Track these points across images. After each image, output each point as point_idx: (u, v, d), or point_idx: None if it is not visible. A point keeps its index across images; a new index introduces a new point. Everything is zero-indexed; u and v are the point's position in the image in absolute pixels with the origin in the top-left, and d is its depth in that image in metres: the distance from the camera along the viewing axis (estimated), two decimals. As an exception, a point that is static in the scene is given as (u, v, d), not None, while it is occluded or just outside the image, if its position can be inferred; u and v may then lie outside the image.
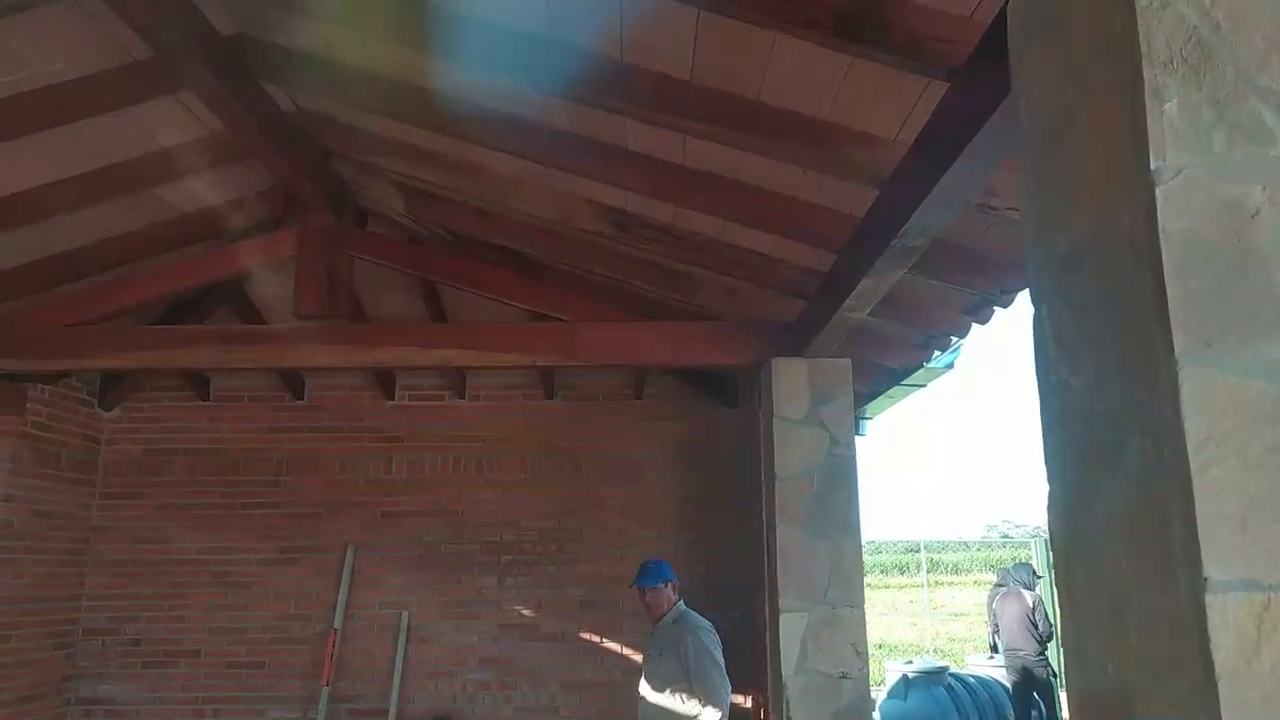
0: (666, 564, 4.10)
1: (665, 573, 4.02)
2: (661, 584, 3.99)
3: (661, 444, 6.22)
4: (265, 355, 4.36)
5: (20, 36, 3.09)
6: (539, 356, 4.44)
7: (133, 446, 6.20)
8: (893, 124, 2.67)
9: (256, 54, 3.44)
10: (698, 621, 3.92)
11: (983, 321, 3.75)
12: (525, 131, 3.48)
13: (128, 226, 4.53)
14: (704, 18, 2.46)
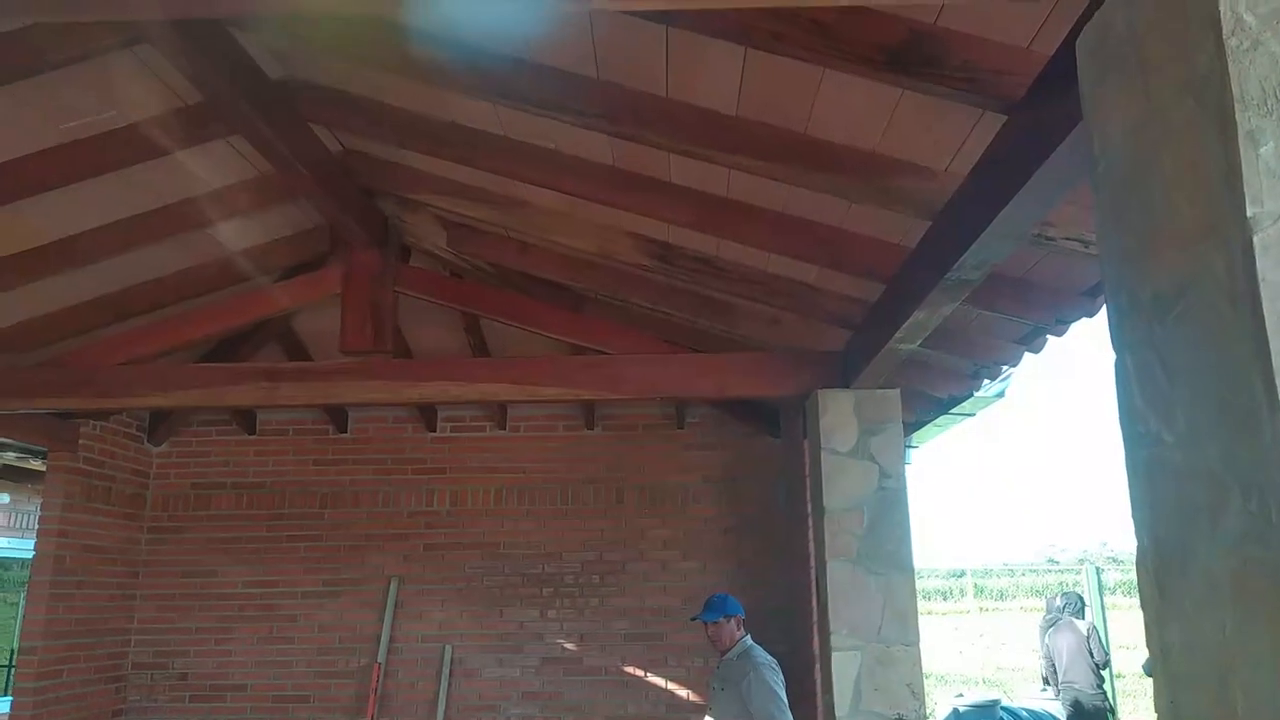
0: (732, 598, 4.06)
1: (729, 607, 3.99)
2: (724, 618, 3.97)
3: (704, 473, 6.16)
4: (312, 392, 4.39)
5: (78, 86, 3.17)
6: (581, 390, 4.42)
7: (180, 481, 6.28)
8: (944, 155, 2.63)
9: (304, 97, 3.49)
10: (760, 657, 3.87)
11: (1035, 350, 3.67)
12: (567, 166, 3.48)
13: (178, 266, 4.61)
14: (750, 55, 2.44)
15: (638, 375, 4.38)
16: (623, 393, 4.39)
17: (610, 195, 3.57)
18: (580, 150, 3.40)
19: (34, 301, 4.36)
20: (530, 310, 4.73)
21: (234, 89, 3.02)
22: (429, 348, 5.91)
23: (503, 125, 3.39)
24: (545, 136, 3.36)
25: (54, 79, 3.06)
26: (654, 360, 4.42)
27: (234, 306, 4.64)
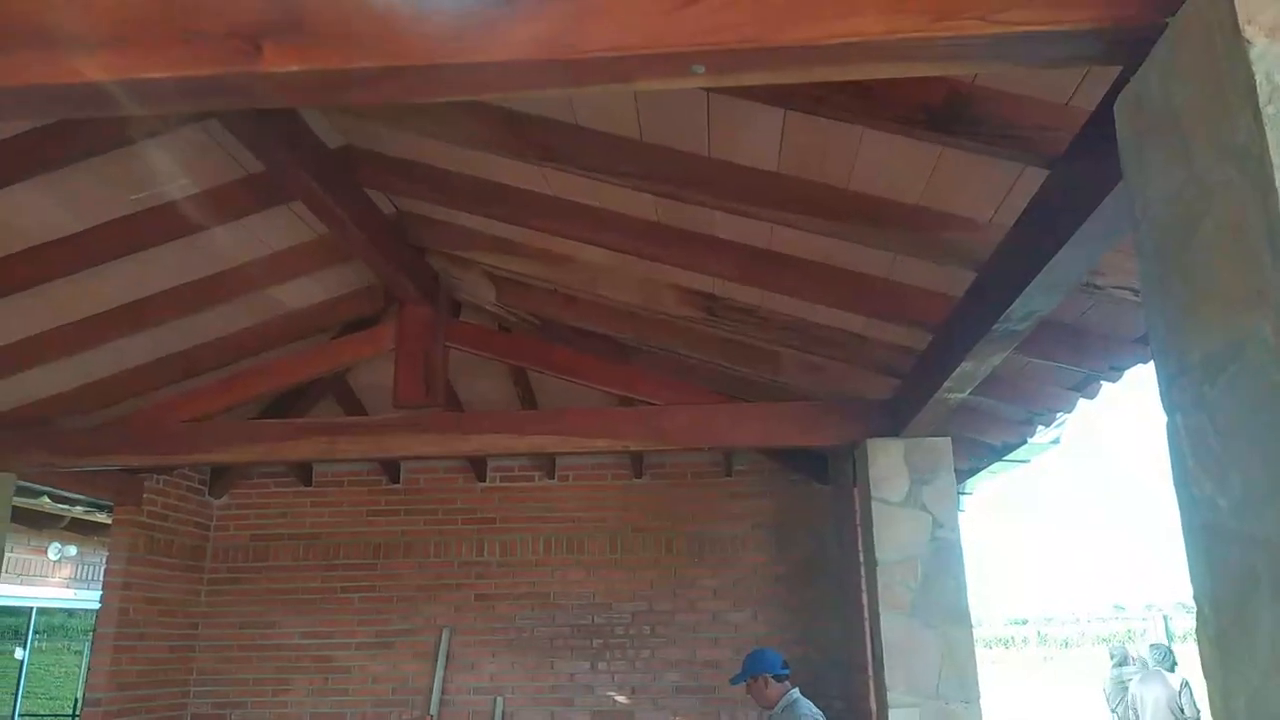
0: (767, 652, 3.98)
1: (759, 665, 3.89)
2: (752, 678, 3.86)
3: (752, 521, 6.12)
4: (368, 446, 4.49)
5: (151, 158, 3.34)
6: (629, 441, 4.45)
7: (240, 533, 6.43)
8: (987, 206, 2.64)
9: (360, 164, 3.64)
10: (804, 710, 3.78)
11: (1090, 397, 3.61)
12: (613, 223, 3.56)
13: (239, 325, 4.77)
14: (791, 116, 2.49)
15: (684, 426, 4.39)
16: (670, 443, 4.41)
17: (655, 250, 3.63)
18: (625, 207, 3.47)
19: (103, 362, 4.55)
20: (577, 363, 4.79)
21: (295, 160, 3.16)
22: (478, 400, 6.01)
23: (550, 185, 3.49)
24: (591, 195, 3.45)
25: (126, 153, 3.24)
26: (700, 410, 4.44)
27: (293, 364, 4.77)
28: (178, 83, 1.38)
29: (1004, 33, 1.28)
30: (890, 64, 1.37)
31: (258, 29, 1.39)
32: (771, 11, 1.34)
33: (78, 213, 3.46)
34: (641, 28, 1.36)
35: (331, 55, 1.39)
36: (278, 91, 1.44)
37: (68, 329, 4.09)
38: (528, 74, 1.42)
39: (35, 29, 1.42)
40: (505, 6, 1.39)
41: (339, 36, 1.39)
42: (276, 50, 1.39)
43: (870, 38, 1.31)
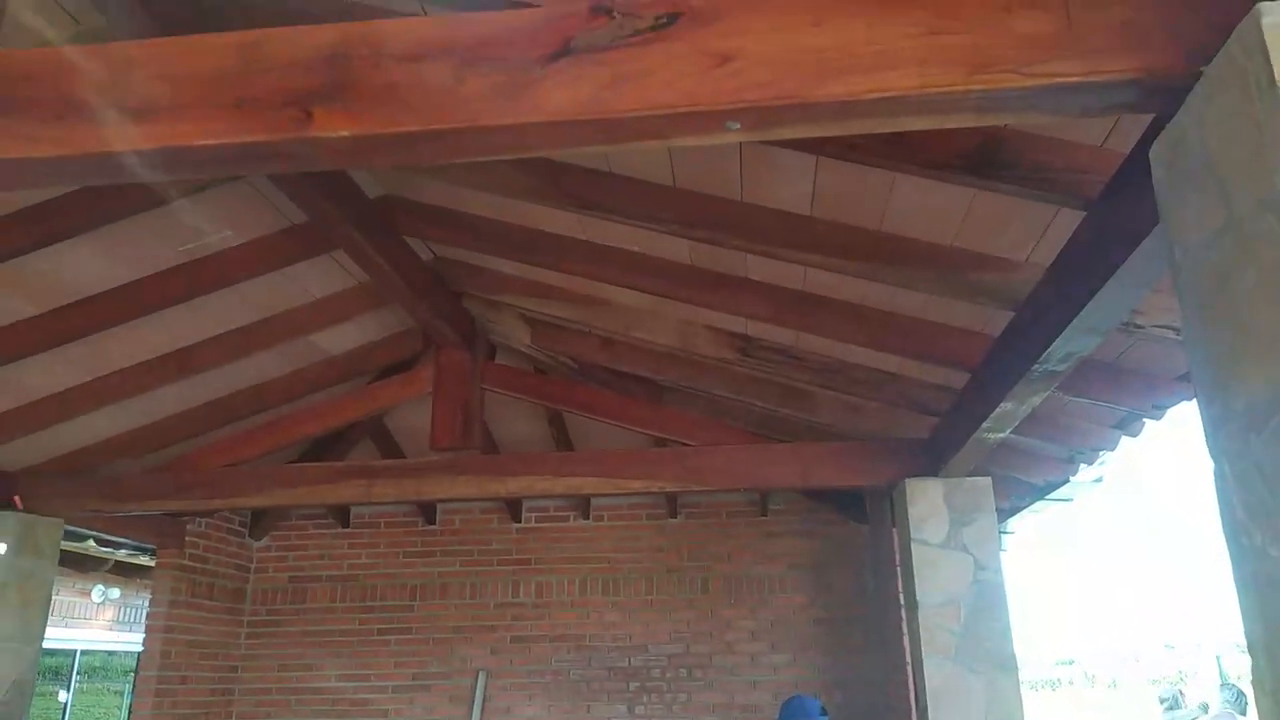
0: (803, 700, 3.91)
1: (796, 714, 3.83)
2: None
3: (789, 562, 6.05)
4: (406, 489, 4.53)
5: (198, 211, 3.44)
6: (665, 482, 4.45)
7: (279, 575, 6.48)
8: (1023, 246, 2.63)
9: (399, 212, 3.72)
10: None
11: (1133, 435, 3.55)
12: (647, 267, 3.59)
13: (280, 371, 4.86)
14: (823, 162, 2.52)
15: (720, 467, 4.38)
16: (706, 484, 4.40)
17: (689, 292, 3.66)
18: (659, 250, 3.51)
19: (150, 408, 4.65)
20: (612, 404, 4.82)
21: (337, 210, 3.24)
22: (514, 441, 6.04)
23: (584, 231, 3.54)
24: (626, 239, 3.49)
25: (176, 207, 3.35)
26: (736, 451, 4.43)
27: (333, 408, 4.85)
28: (232, 149, 1.44)
29: (1039, 85, 1.30)
30: (925, 117, 1.39)
31: (308, 96, 1.45)
32: (805, 68, 1.37)
33: (129, 265, 3.57)
34: (677, 88, 1.40)
35: (378, 120, 1.44)
36: (327, 155, 1.49)
37: (116, 376, 4.20)
38: (567, 133, 1.46)
39: (98, 100, 1.49)
40: (544, 70, 1.43)
41: (385, 101, 1.45)
42: (326, 116, 1.44)
43: (905, 92, 1.33)
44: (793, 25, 1.39)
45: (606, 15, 1.44)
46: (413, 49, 1.46)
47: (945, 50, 1.32)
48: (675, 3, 1.43)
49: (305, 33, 1.47)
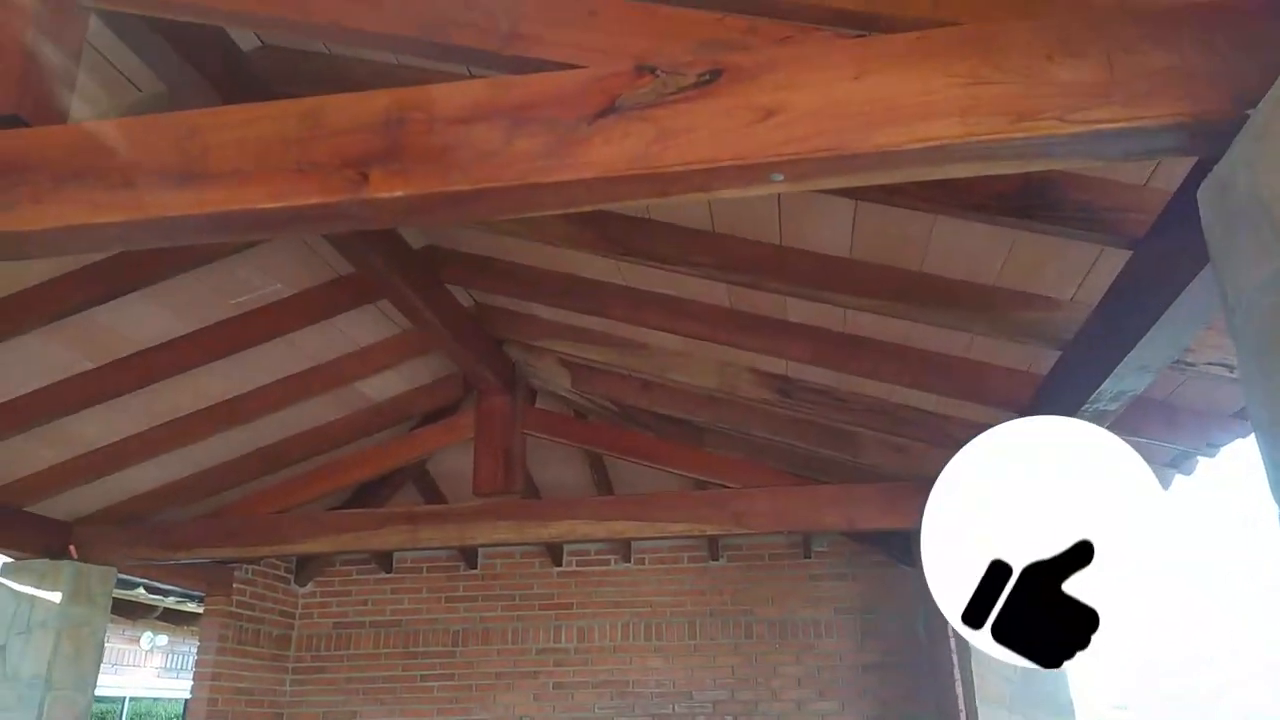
0: None
1: None
2: None
3: (835, 605, 5.95)
4: (449, 534, 4.56)
5: (250, 266, 3.55)
6: (707, 525, 4.43)
7: (323, 620, 6.52)
8: (1068, 285, 2.61)
9: (442, 262, 3.80)
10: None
11: (1187, 473, 3.47)
12: (686, 310, 3.62)
13: (326, 418, 4.94)
14: (863, 205, 2.54)
15: (763, 509, 4.36)
16: (749, 527, 4.37)
17: (729, 335, 3.67)
18: (698, 294, 3.53)
19: (200, 457, 4.74)
20: (652, 447, 4.82)
21: (383, 262, 3.32)
22: (555, 485, 6.05)
23: (623, 276, 3.58)
24: (665, 284, 3.52)
25: (229, 261, 3.45)
26: (779, 493, 4.40)
27: (377, 454, 4.92)
28: (293, 211, 1.49)
29: (1082, 132, 1.31)
30: (969, 164, 1.40)
31: (365, 159, 1.50)
32: (847, 120, 1.39)
33: (184, 318, 3.67)
34: (721, 142, 1.43)
35: (431, 180, 1.49)
36: (383, 215, 1.54)
37: (168, 426, 4.30)
38: (614, 188, 1.49)
39: (164, 167, 1.56)
40: (591, 128, 1.47)
41: (438, 162, 1.49)
42: (382, 178, 1.49)
43: (949, 141, 1.35)
44: (834, 79, 1.41)
45: (651, 74, 1.48)
46: (464, 111, 1.51)
47: (987, 100, 1.34)
48: (718, 60, 1.46)
49: (362, 98, 1.53)
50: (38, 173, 1.60)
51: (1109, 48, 1.34)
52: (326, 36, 1.90)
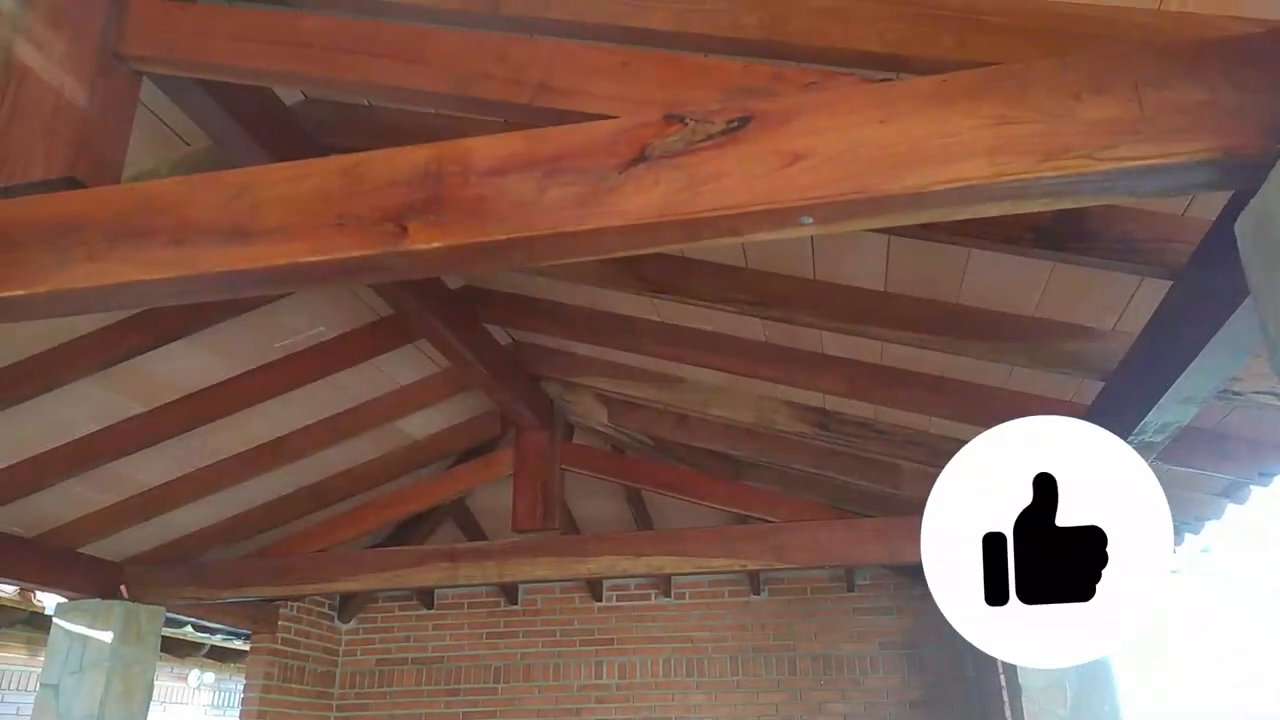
0: None
1: None
2: None
3: (881, 640, 5.85)
4: (489, 571, 4.58)
5: (294, 310, 3.64)
6: (747, 560, 4.39)
7: (366, 658, 6.55)
8: (1108, 315, 2.58)
9: (479, 302, 3.86)
10: None
11: (1239, 502, 3.38)
12: (722, 346, 3.63)
13: (367, 456, 5.02)
14: (895, 240, 2.54)
15: (804, 543, 4.31)
16: (790, 561, 4.32)
17: (765, 369, 3.67)
18: (734, 329, 3.54)
19: (245, 497, 4.83)
20: (690, 481, 4.82)
21: (421, 303, 3.38)
22: (593, 519, 6.05)
23: (659, 313, 3.61)
24: (700, 320, 3.54)
25: (273, 307, 3.54)
26: (819, 527, 4.36)
27: (417, 492, 4.97)
28: (336, 264, 1.54)
29: (1113, 169, 1.30)
30: (999, 203, 1.41)
31: (404, 212, 1.54)
32: (875, 163, 1.41)
33: (230, 362, 3.77)
34: (750, 187, 1.45)
35: (468, 231, 1.53)
36: (421, 266, 1.58)
37: (215, 467, 4.39)
38: (646, 235, 1.52)
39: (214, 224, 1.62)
40: (622, 176, 1.50)
41: (474, 214, 1.53)
42: (420, 230, 1.53)
43: (977, 181, 1.35)
44: (860, 123, 1.43)
45: (680, 122, 1.51)
46: (498, 163, 1.55)
47: (1015, 139, 1.34)
48: (745, 108, 1.49)
49: (401, 154, 1.58)
50: (93, 231, 1.67)
51: (1137, 84, 1.34)
52: (365, 94, 1.96)
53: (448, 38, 1.78)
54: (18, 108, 1.86)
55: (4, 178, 1.80)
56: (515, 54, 1.71)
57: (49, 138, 1.80)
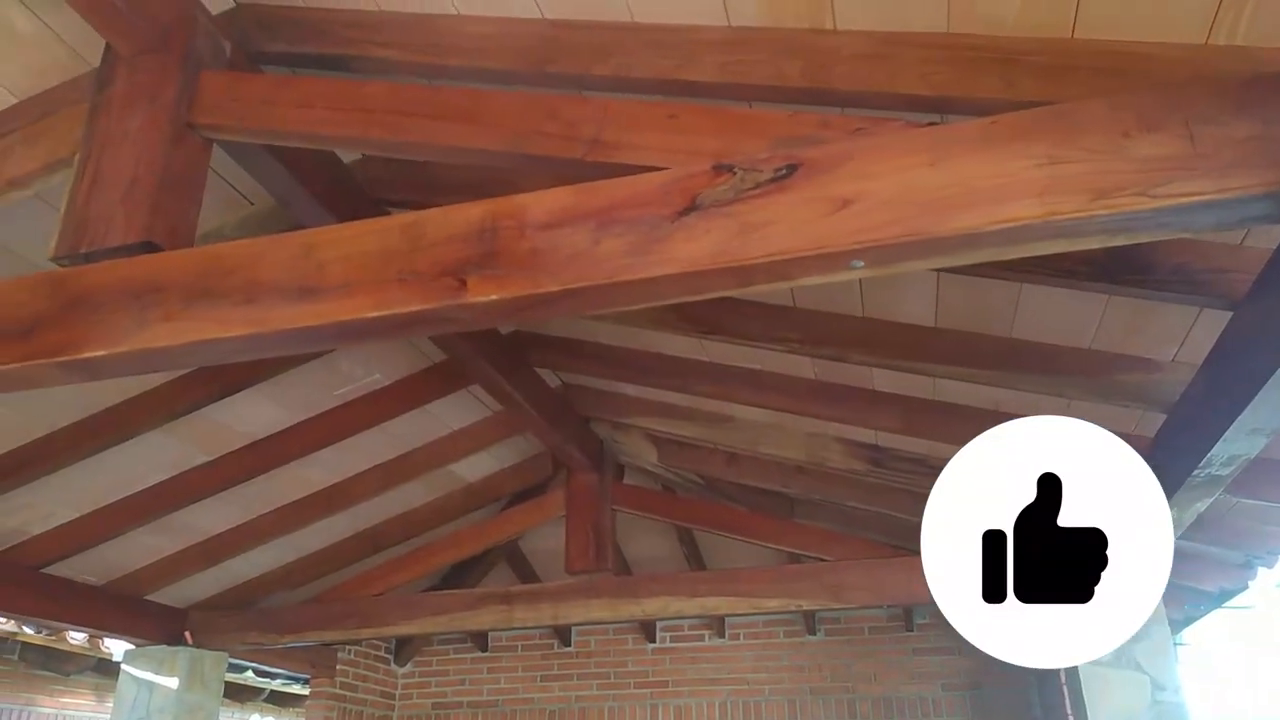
0: None
1: None
2: None
3: (942, 681, 5.70)
4: (543, 613, 4.59)
5: (351, 359, 3.74)
6: (803, 600, 4.34)
7: (423, 701, 6.57)
8: (1166, 346, 2.54)
9: (530, 346, 3.92)
10: None
11: (1317, 535, 3.26)
12: (771, 384, 3.63)
13: (421, 500, 5.08)
14: (945, 276, 2.53)
15: (861, 582, 4.25)
16: (847, 601, 4.26)
17: (815, 407, 3.66)
18: (783, 367, 3.54)
19: (304, 543, 4.92)
20: (742, 520, 4.80)
21: (474, 349, 3.45)
22: (645, 559, 6.04)
23: (707, 353, 3.63)
24: (749, 359, 3.55)
25: (332, 356, 3.64)
26: (877, 565, 4.29)
27: (471, 535, 5.02)
28: (398, 319, 1.59)
29: (1167, 206, 1.30)
30: (1051, 242, 1.41)
31: (462, 266, 1.60)
32: (925, 206, 1.42)
33: (290, 410, 3.87)
34: (801, 233, 1.47)
35: (523, 283, 1.57)
36: (479, 317, 1.63)
37: (275, 514, 4.49)
38: (698, 282, 1.55)
39: (282, 282, 1.69)
40: (674, 226, 1.53)
41: (529, 266, 1.58)
42: (478, 283, 1.58)
43: (1029, 221, 1.36)
44: (909, 166, 1.45)
45: (729, 172, 1.54)
46: (552, 217, 1.60)
47: (1066, 179, 1.35)
48: (793, 155, 1.52)
49: (458, 210, 1.64)
50: (169, 293, 1.75)
51: (1188, 120, 1.34)
52: (426, 154, 2.03)
53: (501, 98, 1.84)
54: (98, 178, 1.96)
55: (86, 244, 1.89)
56: (566, 111, 1.77)
57: (127, 205, 1.90)
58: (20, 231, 2.56)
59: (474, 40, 2.06)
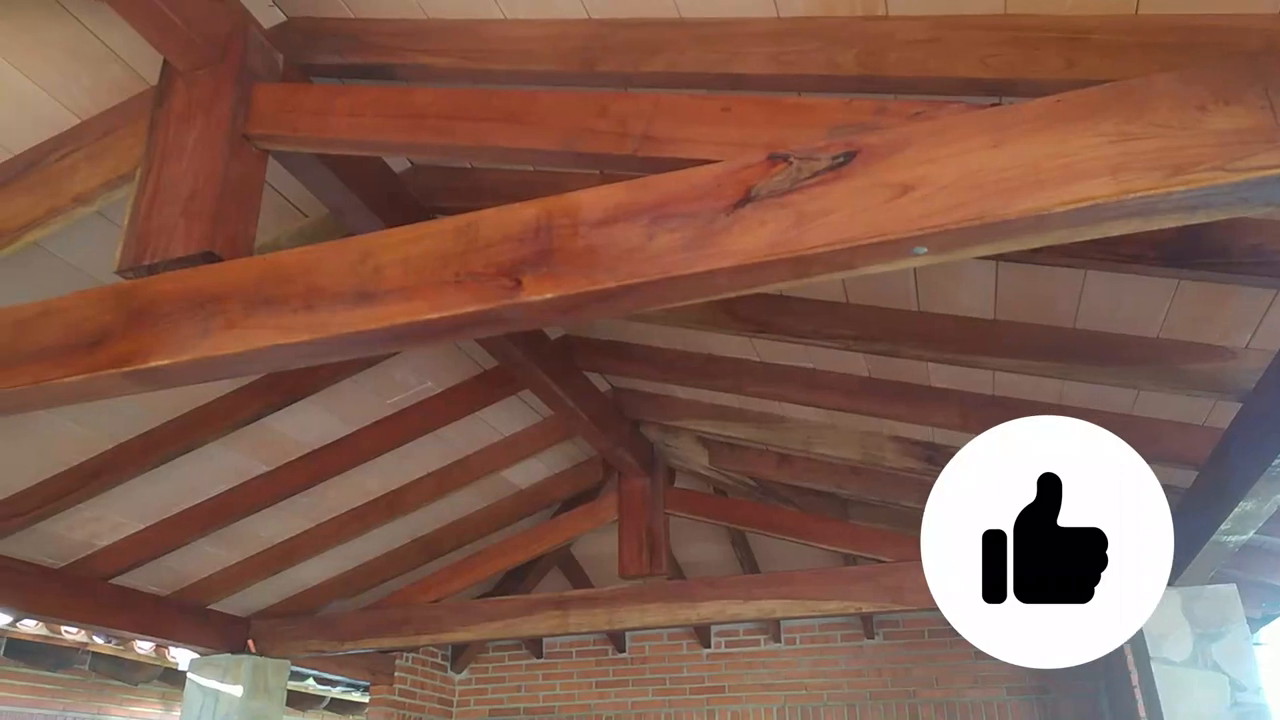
0: None
1: None
2: None
3: (1007, 685, 5.57)
4: (598, 619, 4.58)
5: (404, 367, 3.77)
6: (861, 603, 4.27)
7: (479, 708, 6.61)
8: (1240, 333, 2.45)
9: (579, 350, 3.92)
10: None
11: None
12: (824, 382, 3.58)
13: (475, 507, 5.12)
14: (1004, 265, 2.47)
15: (920, 583, 4.12)
16: (908, 603, 4.18)
17: (870, 405, 3.60)
18: (836, 365, 3.49)
19: (362, 551, 4.98)
20: (796, 522, 4.73)
21: (524, 355, 3.46)
22: (699, 563, 6.00)
23: (758, 352, 3.59)
24: (801, 357, 3.51)
25: (386, 365, 3.68)
26: (935, 566, 4.20)
27: (525, 541, 5.03)
28: (456, 320, 1.59)
29: (1248, 179, 1.25)
30: (1126, 221, 1.36)
31: (518, 266, 1.59)
32: (989, 189, 1.38)
33: (346, 420, 3.92)
34: (861, 221, 1.44)
35: (579, 281, 1.56)
36: (535, 317, 1.62)
37: (334, 522, 4.55)
38: (756, 274, 1.52)
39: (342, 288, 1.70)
40: (729, 218, 1.51)
41: (584, 264, 1.57)
42: (533, 282, 1.58)
43: (1102, 200, 1.31)
44: (971, 149, 1.41)
45: (784, 161, 1.51)
46: (606, 214, 1.58)
47: (1139, 155, 1.30)
48: (850, 142, 1.49)
49: (512, 210, 1.63)
50: (230, 302, 1.77)
51: (1267, 90, 1.28)
52: (478, 157, 2.04)
53: (550, 98, 1.84)
54: (159, 192, 2.00)
55: (149, 256, 1.94)
56: (616, 108, 1.76)
57: (187, 217, 1.94)
58: (88, 251, 2.63)
59: (520, 43, 2.06)
